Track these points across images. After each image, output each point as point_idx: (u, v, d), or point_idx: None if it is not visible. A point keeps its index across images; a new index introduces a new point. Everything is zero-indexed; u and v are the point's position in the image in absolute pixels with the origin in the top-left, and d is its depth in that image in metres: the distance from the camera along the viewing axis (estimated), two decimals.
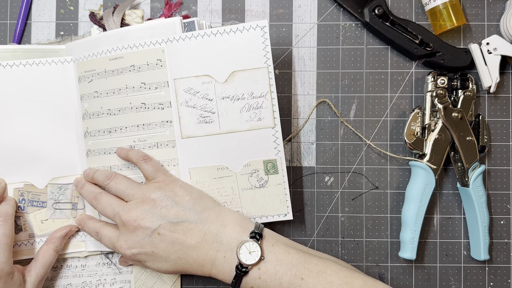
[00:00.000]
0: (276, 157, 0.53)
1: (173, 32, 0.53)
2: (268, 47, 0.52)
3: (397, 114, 0.58)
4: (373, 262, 0.58)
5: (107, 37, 0.54)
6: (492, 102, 0.58)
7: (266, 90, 0.52)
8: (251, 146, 0.53)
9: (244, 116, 0.53)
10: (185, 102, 0.53)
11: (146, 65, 0.53)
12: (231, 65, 0.52)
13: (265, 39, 0.52)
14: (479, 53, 0.56)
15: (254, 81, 0.52)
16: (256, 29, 0.52)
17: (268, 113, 0.52)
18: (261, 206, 0.54)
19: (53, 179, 0.56)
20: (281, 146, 0.53)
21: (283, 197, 0.54)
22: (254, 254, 0.47)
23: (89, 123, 0.55)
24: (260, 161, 0.53)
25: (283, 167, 0.53)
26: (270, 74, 0.52)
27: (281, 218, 0.54)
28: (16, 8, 0.59)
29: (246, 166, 0.53)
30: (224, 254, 0.48)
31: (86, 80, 0.55)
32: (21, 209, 0.56)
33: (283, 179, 0.53)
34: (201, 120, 0.53)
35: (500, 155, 0.58)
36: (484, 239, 0.55)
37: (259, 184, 0.53)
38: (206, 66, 0.52)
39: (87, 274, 0.58)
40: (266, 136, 0.53)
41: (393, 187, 0.58)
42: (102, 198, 0.52)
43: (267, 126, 0.53)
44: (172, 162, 0.54)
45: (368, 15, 0.57)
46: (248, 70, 0.52)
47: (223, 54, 0.52)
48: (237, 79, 0.52)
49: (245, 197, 0.54)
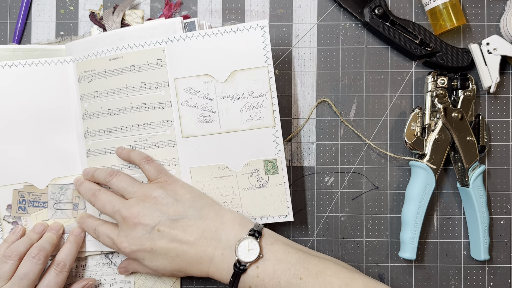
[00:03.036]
0: (276, 156, 0.52)
1: (173, 32, 0.52)
2: (268, 46, 0.51)
3: (397, 114, 0.58)
4: (373, 262, 0.57)
5: (106, 37, 0.53)
6: (492, 102, 0.58)
7: (266, 90, 0.51)
8: (251, 146, 0.52)
9: (244, 116, 0.52)
10: (186, 102, 0.52)
11: (147, 65, 0.53)
12: (231, 64, 0.51)
13: (265, 38, 0.51)
14: (479, 53, 0.56)
15: (254, 81, 0.51)
16: (257, 29, 0.51)
17: (268, 112, 0.52)
18: (262, 206, 0.53)
19: (54, 179, 0.55)
20: (281, 146, 0.52)
21: (284, 197, 0.53)
22: (252, 251, 0.46)
23: (89, 123, 0.55)
24: (260, 161, 0.52)
25: (283, 167, 0.52)
26: (270, 73, 0.51)
27: (282, 219, 0.53)
28: (16, 8, 0.59)
29: (246, 166, 0.52)
30: (222, 251, 0.47)
31: (86, 80, 0.54)
32: (22, 209, 0.55)
33: (284, 179, 0.52)
34: (202, 120, 0.52)
35: (500, 155, 0.57)
36: (484, 239, 0.54)
37: (259, 184, 0.53)
38: (207, 66, 0.52)
39: (87, 274, 0.57)
40: (266, 136, 0.52)
41: (393, 187, 0.58)
42: (101, 195, 0.51)
43: (267, 126, 0.52)
44: (173, 162, 0.53)
45: (368, 15, 0.56)
46: (248, 69, 0.51)
47: (224, 54, 0.51)
48: (237, 79, 0.51)
49: (246, 197, 0.53)
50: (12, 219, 0.55)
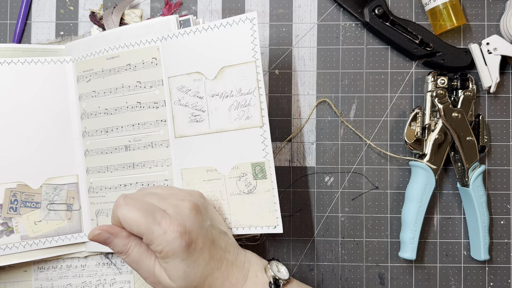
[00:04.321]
0: (264, 159, 0.48)
1: (169, 30, 0.51)
2: (257, 40, 0.47)
3: (397, 114, 0.57)
4: (373, 262, 0.57)
5: (104, 37, 0.52)
6: (492, 102, 0.57)
7: (254, 86, 0.47)
8: (240, 147, 0.48)
9: (232, 115, 0.48)
10: (178, 101, 0.50)
11: (142, 63, 0.51)
12: (220, 60, 0.48)
13: (253, 31, 0.47)
14: (479, 53, 0.55)
15: (242, 77, 0.47)
16: (246, 21, 0.47)
17: (256, 111, 0.47)
18: (250, 214, 0.49)
19: (48, 179, 0.54)
20: (270, 148, 0.48)
21: (272, 206, 0.48)
22: (283, 271, 0.46)
23: (87, 123, 0.54)
24: (248, 164, 0.48)
25: (271, 172, 0.48)
26: (258, 68, 0.47)
27: (271, 230, 0.48)
28: (16, 8, 0.58)
29: (234, 169, 0.49)
30: (255, 273, 0.46)
31: (84, 79, 0.54)
32: (13, 210, 0.54)
33: (272, 185, 0.48)
34: (193, 119, 0.50)
35: (500, 155, 0.57)
36: (484, 239, 0.54)
37: (247, 189, 0.49)
38: (197, 63, 0.49)
39: (87, 274, 0.56)
40: (254, 136, 0.48)
41: (393, 187, 0.57)
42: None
43: (255, 126, 0.48)
44: (166, 163, 0.51)
45: (368, 15, 0.56)
46: (237, 65, 0.48)
47: (213, 50, 0.48)
48: (226, 75, 0.48)
49: (234, 203, 0.49)
50: (2, 220, 0.53)
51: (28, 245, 0.54)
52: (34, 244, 0.54)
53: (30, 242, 0.54)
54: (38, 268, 0.56)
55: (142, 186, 0.52)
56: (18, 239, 0.54)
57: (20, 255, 0.54)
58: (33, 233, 0.54)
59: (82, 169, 0.55)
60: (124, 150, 0.53)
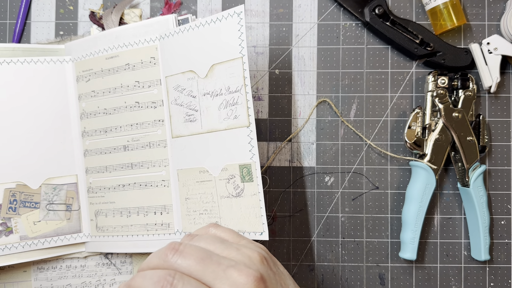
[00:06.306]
0: (250, 161, 0.45)
1: (167, 29, 0.50)
2: (244, 35, 0.45)
3: (397, 114, 0.57)
4: (373, 263, 0.56)
5: (103, 36, 0.52)
6: (492, 102, 0.57)
7: (241, 84, 0.45)
8: (229, 148, 0.46)
9: (222, 114, 0.46)
10: (174, 100, 0.49)
11: (141, 63, 0.51)
12: (210, 58, 0.46)
13: (240, 26, 0.45)
14: (480, 53, 0.55)
15: (230, 74, 0.45)
16: (234, 16, 0.45)
17: (243, 110, 0.45)
18: (238, 219, 0.46)
19: (48, 179, 0.54)
20: (256, 149, 0.45)
21: (258, 211, 0.45)
22: None
23: (87, 123, 0.53)
24: (236, 166, 0.46)
25: (257, 174, 0.45)
26: (244, 65, 0.45)
27: (257, 236, 0.45)
28: (16, 8, 0.58)
29: (224, 171, 0.47)
30: None
31: (84, 79, 0.53)
32: (12, 210, 0.53)
33: (258, 188, 0.45)
34: (187, 119, 0.48)
35: (500, 155, 0.56)
36: (485, 239, 0.53)
37: (236, 192, 0.46)
38: (190, 61, 0.48)
39: (87, 275, 0.56)
40: (241, 137, 0.46)
41: (394, 187, 0.57)
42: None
43: (242, 125, 0.45)
44: (163, 163, 0.51)
45: (368, 14, 0.55)
46: (225, 62, 0.46)
47: (204, 47, 0.47)
48: (216, 73, 0.46)
49: (223, 206, 0.47)
50: (1, 220, 0.53)
51: (27, 245, 0.53)
52: (33, 244, 0.53)
53: (29, 242, 0.53)
54: (37, 268, 0.56)
55: (140, 187, 0.52)
56: (17, 239, 0.53)
57: (19, 255, 0.53)
58: (32, 233, 0.53)
59: (81, 169, 0.54)
60: (122, 150, 0.52)
